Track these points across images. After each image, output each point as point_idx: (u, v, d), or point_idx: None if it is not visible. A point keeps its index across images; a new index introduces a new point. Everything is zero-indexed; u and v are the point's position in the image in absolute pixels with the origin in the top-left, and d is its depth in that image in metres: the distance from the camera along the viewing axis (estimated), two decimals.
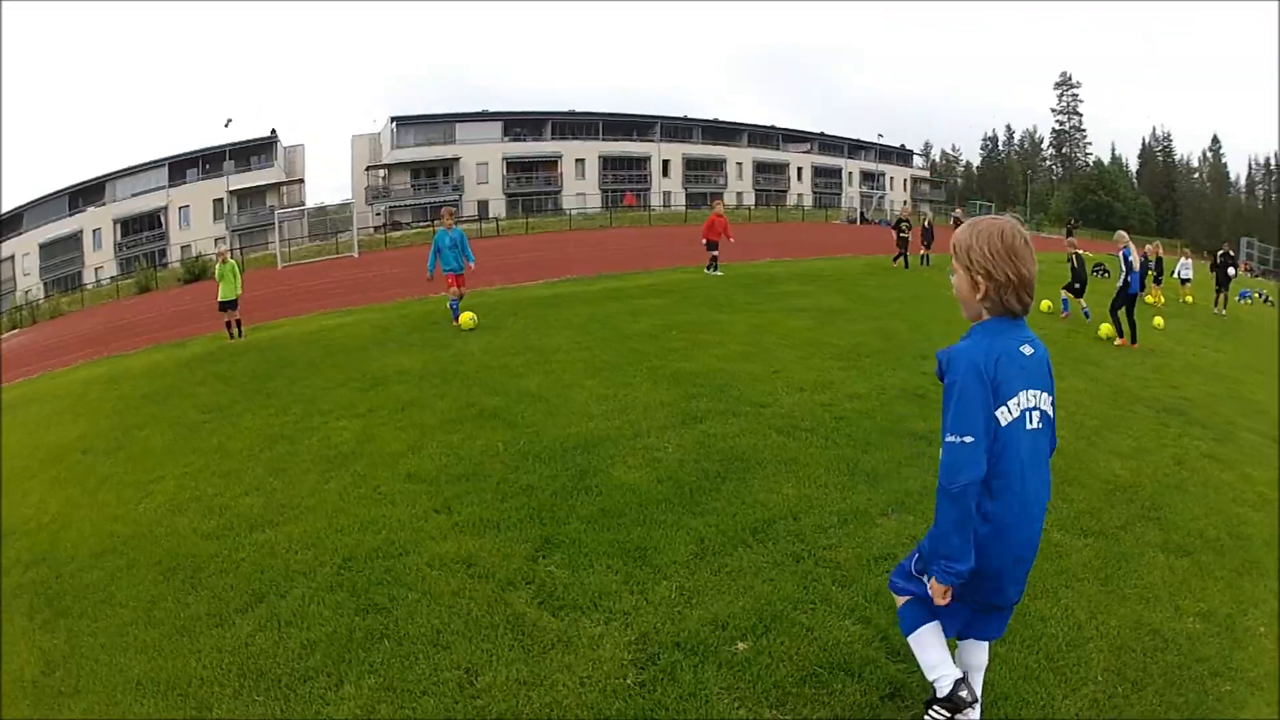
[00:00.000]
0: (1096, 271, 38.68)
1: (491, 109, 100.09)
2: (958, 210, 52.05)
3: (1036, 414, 4.10)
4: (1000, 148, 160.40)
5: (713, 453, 9.51)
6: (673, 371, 13.58)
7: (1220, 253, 35.74)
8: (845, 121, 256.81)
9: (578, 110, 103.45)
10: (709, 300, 22.78)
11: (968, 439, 3.89)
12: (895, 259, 36.10)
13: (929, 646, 4.51)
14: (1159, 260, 32.03)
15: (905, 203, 67.25)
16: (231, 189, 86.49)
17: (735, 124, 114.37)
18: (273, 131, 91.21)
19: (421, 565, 7.01)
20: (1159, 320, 24.59)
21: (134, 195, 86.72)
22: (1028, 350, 4.11)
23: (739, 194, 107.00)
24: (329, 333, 21.31)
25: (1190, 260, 37.88)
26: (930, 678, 4.53)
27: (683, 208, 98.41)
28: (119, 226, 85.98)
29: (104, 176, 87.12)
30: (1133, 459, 10.22)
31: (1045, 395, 4.15)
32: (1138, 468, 9.89)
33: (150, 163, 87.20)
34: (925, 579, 4.30)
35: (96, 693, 5.77)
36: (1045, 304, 24.93)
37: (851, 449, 9.73)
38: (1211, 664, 5.82)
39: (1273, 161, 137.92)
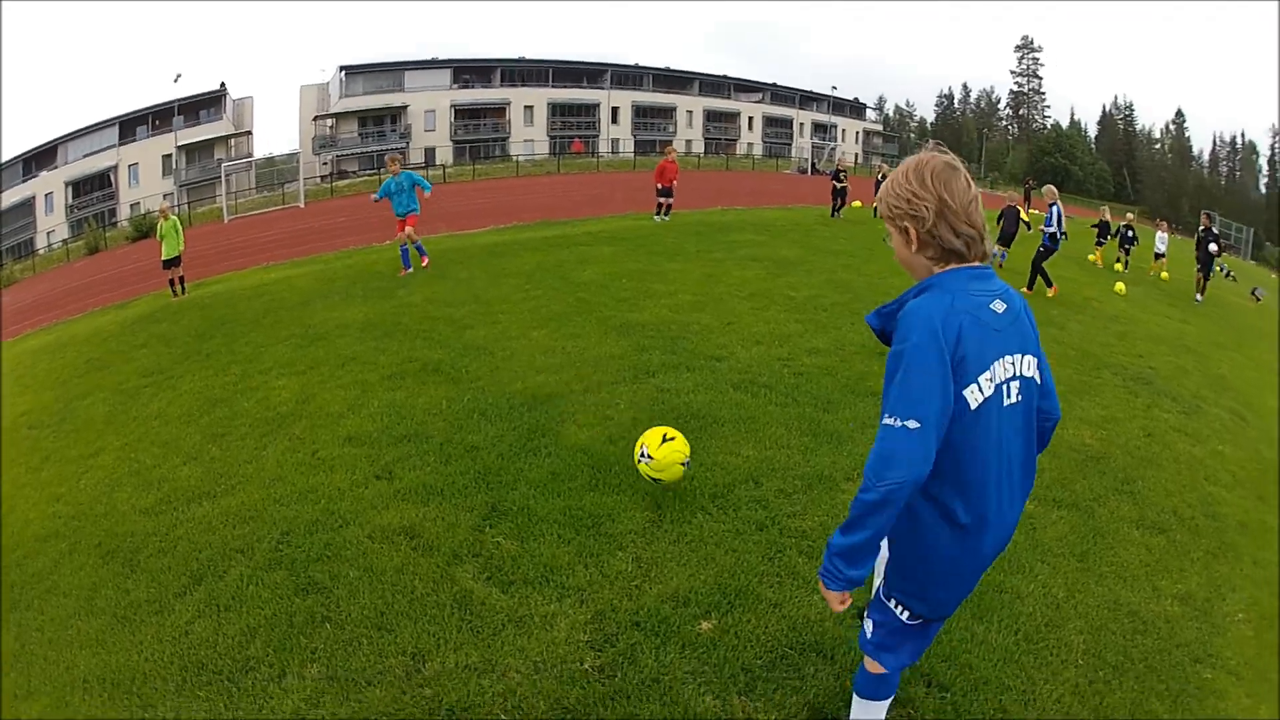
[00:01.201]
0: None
1: (441, 57, 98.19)
2: (883, 167, 50.61)
3: (1016, 384, 3.48)
4: (956, 105, 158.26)
5: (667, 410, 9.17)
6: (622, 322, 13.21)
7: (1201, 228, 30.01)
8: (799, 73, 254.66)
9: (528, 57, 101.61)
10: (659, 248, 22.29)
11: (912, 424, 3.18)
12: (834, 211, 35.33)
13: (865, 711, 4.21)
14: (1128, 229, 32.31)
15: (842, 154, 66.96)
16: (180, 144, 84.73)
17: (686, 72, 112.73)
18: (222, 85, 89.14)
19: (362, 538, 6.61)
20: (1120, 286, 24.24)
21: (85, 156, 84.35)
22: (999, 306, 3.45)
23: (689, 142, 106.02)
24: (271, 287, 20.80)
25: (1166, 234, 34.71)
26: None
27: (631, 155, 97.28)
28: (70, 189, 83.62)
29: (57, 140, 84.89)
30: (1103, 428, 10.08)
31: (1028, 358, 3.53)
32: (1108, 438, 9.74)
33: (101, 122, 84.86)
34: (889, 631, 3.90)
35: (48, 694, 5.47)
36: None
37: (813, 408, 9.43)
38: (1192, 649, 5.76)
39: (1239, 140, 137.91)
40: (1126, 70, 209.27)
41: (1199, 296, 27.90)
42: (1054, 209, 21.71)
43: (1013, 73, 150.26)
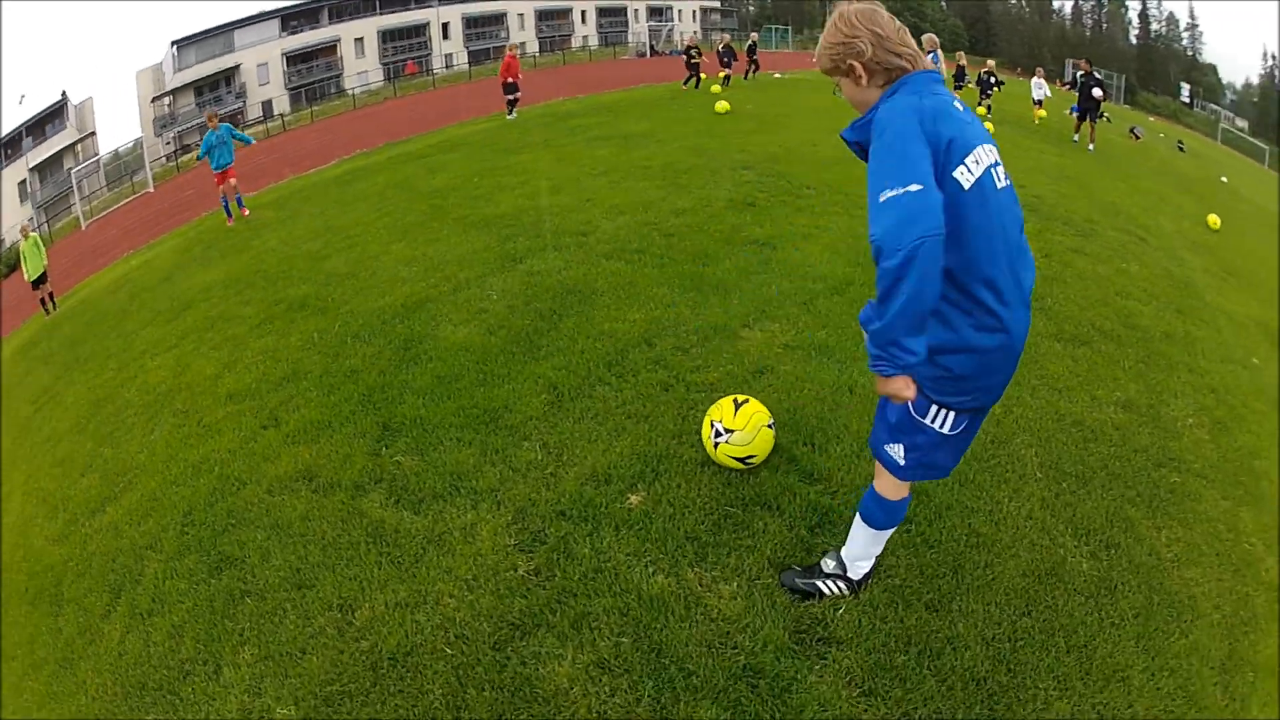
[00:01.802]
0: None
1: (268, 8, 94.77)
2: (725, 37, 49.77)
3: (1000, 169, 3.47)
4: None
5: (541, 291, 8.68)
6: (480, 218, 12.52)
7: (1081, 73, 27.80)
8: None
9: None
10: (505, 145, 21.32)
11: (914, 187, 3.03)
12: (686, 81, 34.67)
13: (878, 542, 4.12)
14: (989, 74, 32.06)
15: (694, 33, 66.35)
16: (31, 166, 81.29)
17: None
18: (63, 94, 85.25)
19: (261, 495, 5.92)
20: (989, 126, 23.77)
21: None
22: (959, 105, 3.49)
23: (523, 44, 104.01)
24: (133, 274, 19.75)
25: (1043, 81, 33.71)
26: (849, 560, 4.20)
27: (466, 66, 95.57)
28: None
29: None
30: None
31: (994, 149, 3.47)
32: None
33: None
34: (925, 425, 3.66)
35: None
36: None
37: (691, 264, 9.08)
38: (1151, 455, 5.80)
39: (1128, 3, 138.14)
40: None
41: (1084, 142, 26.14)
42: (932, 57, 20.03)
43: None
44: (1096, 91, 25.73)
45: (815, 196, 12.36)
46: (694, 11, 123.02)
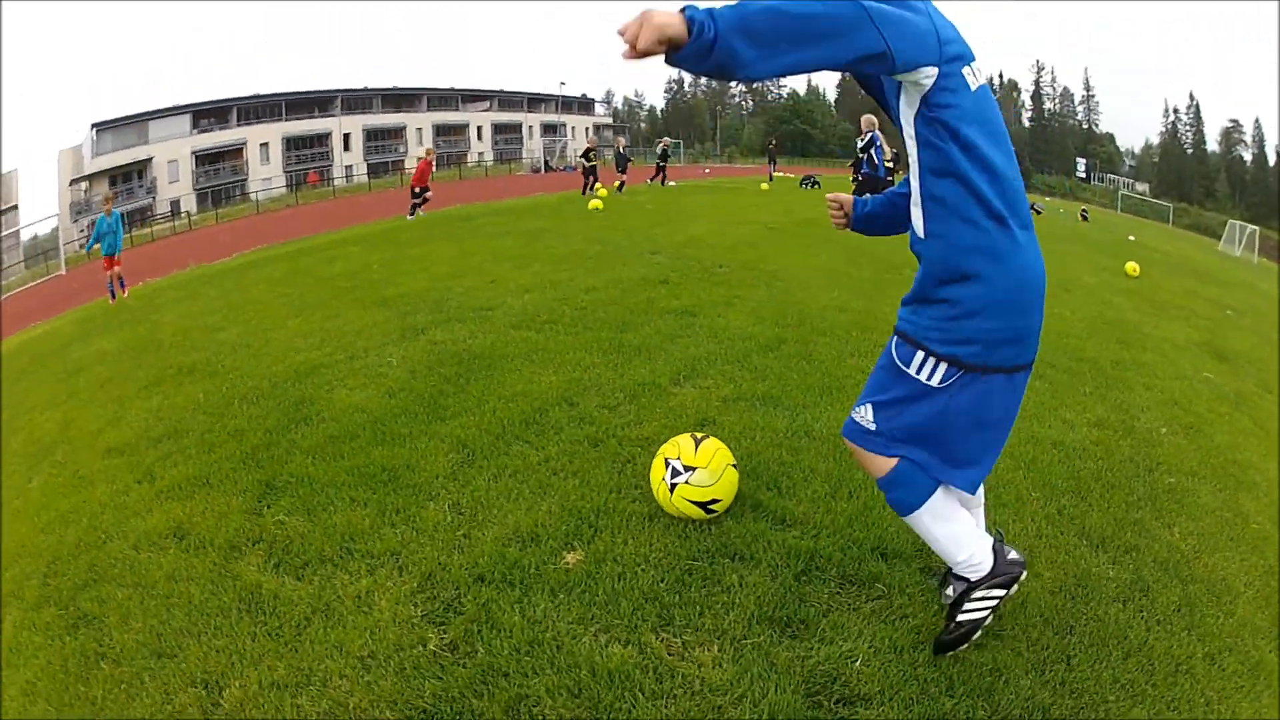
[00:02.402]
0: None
1: (182, 102, 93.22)
2: (620, 140, 49.97)
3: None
4: (686, 89, 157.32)
5: (446, 358, 7.87)
6: (380, 297, 11.72)
7: None
8: (525, 74, 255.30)
9: (262, 93, 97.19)
10: (405, 240, 20.82)
11: None
12: (585, 189, 34.15)
13: (943, 518, 3.24)
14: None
15: (591, 135, 66.98)
16: None
17: (414, 89, 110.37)
18: None
19: (127, 550, 4.89)
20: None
21: None
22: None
23: (418, 159, 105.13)
24: (33, 341, 18.66)
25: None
26: (958, 559, 3.29)
27: (365, 178, 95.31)
28: None
29: None
30: None
31: None
32: None
33: None
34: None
35: None
36: None
37: (608, 331, 8.39)
38: (1139, 463, 5.68)
39: (995, 81, 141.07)
40: None
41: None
42: (871, 137, 20.34)
43: None
44: None
45: (729, 273, 12.00)
46: (587, 129, 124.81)
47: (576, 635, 3.50)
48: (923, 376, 3.03)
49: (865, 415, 3.18)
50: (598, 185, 33.64)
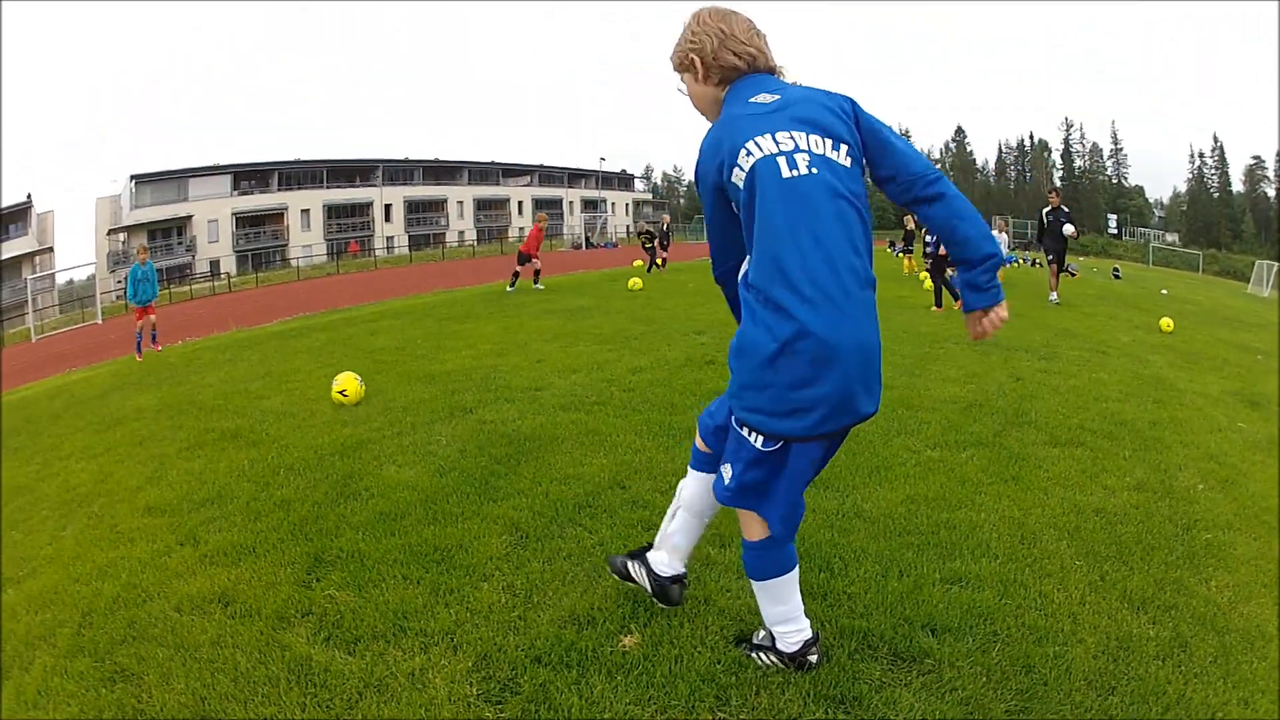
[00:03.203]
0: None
1: (223, 162, 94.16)
2: (665, 217, 50.91)
3: (804, 157, 3.26)
4: None
5: (496, 438, 7.94)
6: (425, 373, 11.89)
7: (1048, 209, 22.94)
8: (566, 151, 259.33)
9: (303, 159, 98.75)
10: (448, 315, 21.11)
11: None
12: (651, 266, 34.80)
13: (783, 598, 3.75)
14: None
15: (641, 220, 68.41)
16: None
17: (456, 162, 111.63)
18: (28, 196, 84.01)
19: (169, 611, 4.94)
20: (925, 277, 23.81)
21: None
22: (765, 98, 3.43)
23: (461, 233, 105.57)
24: (71, 386, 18.99)
25: (1004, 235, 31.06)
26: (773, 629, 3.80)
27: (406, 250, 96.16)
28: None
29: None
30: (969, 383, 10.07)
31: (816, 138, 3.32)
32: (979, 389, 9.73)
33: None
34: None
35: None
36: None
37: (658, 413, 8.51)
38: (1177, 522, 5.83)
39: (1027, 142, 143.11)
40: (901, 99, 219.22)
41: (1054, 296, 22.36)
42: None
43: None
44: (1068, 229, 22.18)
45: None
46: (626, 204, 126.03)
47: (635, 716, 3.56)
48: (751, 439, 3.47)
49: (727, 473, 3.66)
50: (660, 255, 34.40)
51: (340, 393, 9.74)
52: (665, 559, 4.11)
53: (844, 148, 3.36)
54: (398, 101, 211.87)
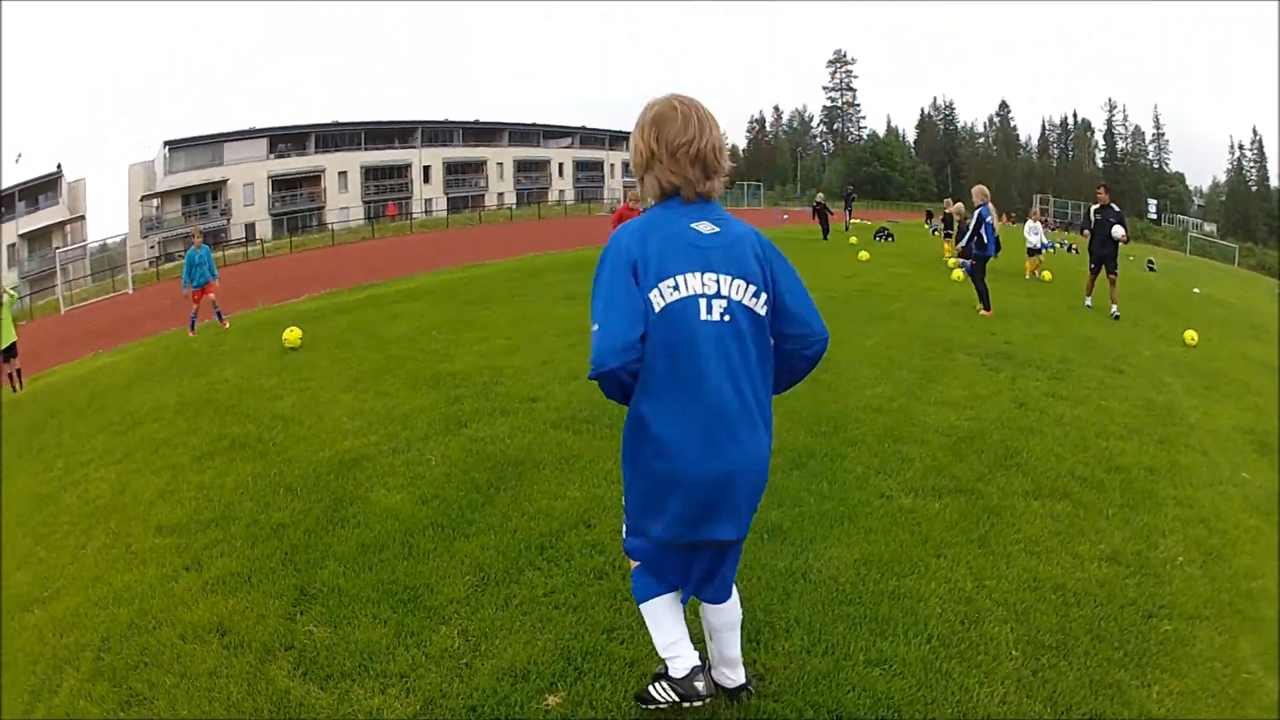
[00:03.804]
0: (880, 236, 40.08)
1: (258, 126, 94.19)
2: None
3: (721, 303, 3.46)
4: (768, 129, 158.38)
5: (481, 460, 8.46)
6: (433, 374, 12.51)
7: (1096, 206, 20.47)
8: (606, 112, 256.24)
9: (340, 121, 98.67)
10: (469, 298, 21.73)
11: (595, 326, 3.34)
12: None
13: (661, 625, 3.95)
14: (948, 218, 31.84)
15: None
16: (21, 232, 79.43)
17: (496, 124, 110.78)
18: (58, 166, 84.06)
19: (175, 639, 5.60)
20: (958, 274, 23.70)
21: None
22: (705, 228, 3.55)
23: (500, 195, 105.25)
24: (96, 374, 19.44)
25: (1040, 225, 28.53)
26: (664, 656, 4.00)
27: (444, 213, 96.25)
28: None
29: None
30: (968, 408, 10.03)
31: (740, 283, 3.51)
32: (977, 416, 9.70)
33: None
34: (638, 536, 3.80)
35: None
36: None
37: None
38: (1139, 607, 5.53)
39: (1070, 120, 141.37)
40: (946, 71, 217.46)
41: (1102, 303, 20.18)
42: (982, 212, 18.92)
43: (825, 88, 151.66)
44: (1118, 230, 19.42)
45: None
46: None
47: None
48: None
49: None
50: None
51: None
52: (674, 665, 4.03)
53: (763, 296, 3.54)
54: (438, 61, 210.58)
